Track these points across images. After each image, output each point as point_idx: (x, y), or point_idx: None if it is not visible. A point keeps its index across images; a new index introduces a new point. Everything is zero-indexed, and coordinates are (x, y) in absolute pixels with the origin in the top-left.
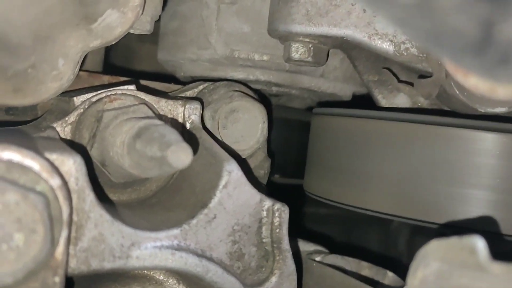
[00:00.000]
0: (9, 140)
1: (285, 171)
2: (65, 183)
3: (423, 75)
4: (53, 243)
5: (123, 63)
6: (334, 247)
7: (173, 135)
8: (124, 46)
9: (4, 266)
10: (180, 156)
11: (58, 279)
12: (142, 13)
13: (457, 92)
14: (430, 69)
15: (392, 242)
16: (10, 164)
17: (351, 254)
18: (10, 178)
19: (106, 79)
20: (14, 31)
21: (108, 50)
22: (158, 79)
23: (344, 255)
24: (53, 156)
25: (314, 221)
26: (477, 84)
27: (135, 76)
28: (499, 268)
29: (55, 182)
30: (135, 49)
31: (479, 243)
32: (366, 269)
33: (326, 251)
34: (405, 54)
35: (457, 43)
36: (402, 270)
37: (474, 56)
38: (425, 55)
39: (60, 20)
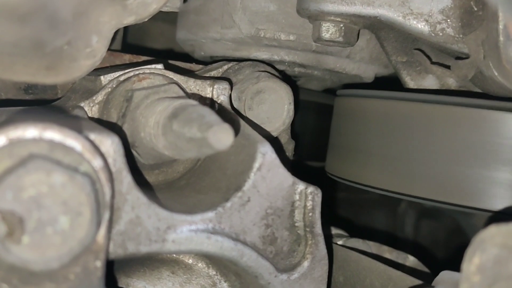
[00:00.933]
0: (47, 119)
1: (301, 153)
2: (106, 164)
3: (459, 57)
4: (98, 227)
5: (136, 41)
6: (347, 231)
7: (212, 116)
8: (136, 24)
9: (49, 250)
10: (222, 137)
11: (99, 264)
12: None
13: (496, 73)
14: (467, 50)
15: (399, 225)
16: (52, 144)
17: (359, 236)
18: (54, 158)
19: (127, 58)
20: (62, 5)
21: (125, 28)
22: (172, 58)
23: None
24: (92, 136)
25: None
26: None
27: (150, 55)
28: None
29: (98, 163)
30: (147, 28)
31: None
32: (387, 252)
33: (347, 234)
34: (440, 34)
35: None
36: (409, 252)
37: None
38: (461, 36)
39: None
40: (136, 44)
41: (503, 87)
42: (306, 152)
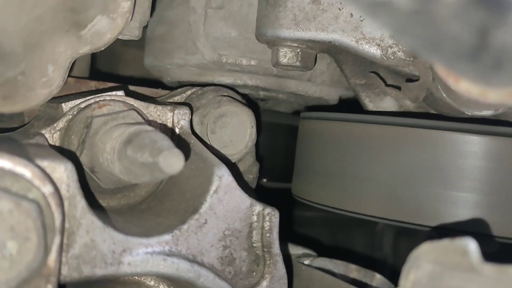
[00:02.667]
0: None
1: (272, 175)
2: (57, 190)
3: (410, 79)
4: (46, 251)
5: (108, 68)
6: (320, 250)
7: (164, 141)
8: (109, 51)
9: None
10: (172, 162)
11: (50, 287)
12: (131, 19)
13: (444, 95)
14: (417, 72)
15: (377, 244)
16: (1, 171)
17: (337, 256)
18: (2, 186)
19: (93, 84)
20: (7, 38)
21: (93, 55)
22: (144, 84)
23: (331, 258)
24: (44, 163)
25: (299, 224)
26: (469, 88)
27: (121, 82)
28: (491, 269)
29: (47, 189)
30: (120, 54)
31: (471, 245)
32: (354, 271)
33: (314, 254)
34: (392, 58)
35: (452, 50)
36: (387, 272)
37: (468, 62)
38: (411, 59)
39: (51, 26)
40: (108, 70)
41: (452, 108)
42: (277, 174)
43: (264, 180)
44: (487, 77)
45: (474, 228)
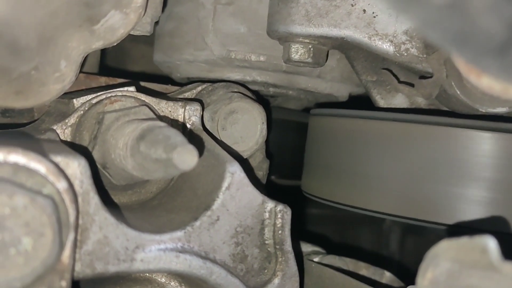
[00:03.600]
0: (13, 143)
1: (281, 172)
2: (71, 186)
3: (423, 76)
4: (61, 247)
5: (116, 64)
6: (328, 247)
7: (178, 137)
8: (118, 47)
9: (12, 270)
10: (186, 158)
11: (64, 283)
12: (144, 15)
13: (458, 92)
14: (431, 69)
15: (384, 242)
16: (16, 167)
17: (344, 253)
18: (17, 181)
19: (103, 80)
20: (23, 33)
21: (103, 51)
22: (153, 80)
23: (339, 255)
24: (58, 159)
25: (307, 221)
26: (491, 84)
27: (130, 78)
28: (510, 268)
29: (62, 185)
30: (129, 50)
31: (491, 243)
32: (364, 269)
33: (323, 251)
34: (405, 54)
35: (481, 44)
36: (394, 269)
37: (496, 56)
38: (425, 56)
39: (64, 21)
40: (117, 66)
41: (466, 105)
42: (286, 171)
43: (273, 177)
44: (510, 73)
45: (486, 226)
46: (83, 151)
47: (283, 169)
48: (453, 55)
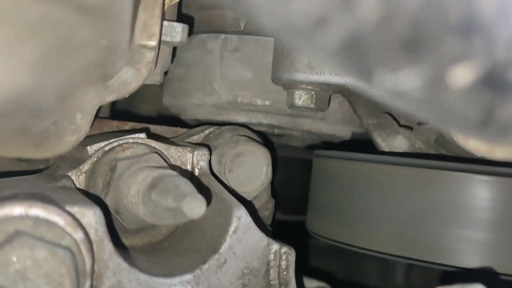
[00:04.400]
0: (32, 194)
1: (287, 208)
2: (87, 235)
3: (421, 122)
4: None
5: (127, 105)
6: (333, 279)
7: (187, 186)
8: None
9: None
10: (195, 207)
11: None
12: (154, 68)
13: (454, 138)
14: None
15: (390, 273)
16: (37, 220)
17: (349, 286)
18: (37, 235)
19: (114, 124)
20: (43, 97)
21: None
22: (162, 121)
23: None
24: (75, 209)
25: (312, 254)
26: (477, 146)
27: (140, 120)
28: None
29: (79, 235)
30: (138, 91)
31: None
32: None
33: (329, 287)
34: None
35: (461, 124)
36: None
37: (476, 131)
38: None
39: (81, 80)
40: (126, 107)
41: (463, 150)
42: (292, 206)
43: (278, 213)
44: (494, 140)
45: (485, 267)
46: (97, 198)
47: (288, 205)
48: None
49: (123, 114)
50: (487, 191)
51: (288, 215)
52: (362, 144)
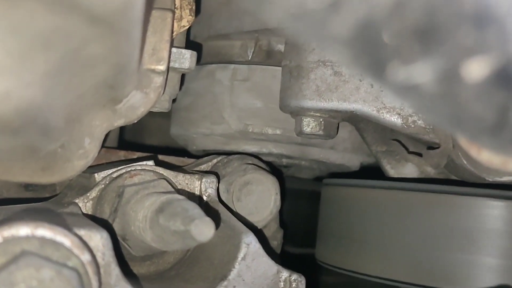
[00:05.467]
0: (39, 218)
1: (295, 240)
2: (94, 258)
3: (431, 146)
4: None
5: (134, 137)
6: None
7: (195, 209)
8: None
9: None
10: (204, 230)
11: None
12: (163, 93)
13: (465, 162)
14: (438, 140)
15: None
16: (43, 240)
17: None
18: (44, 255)
19: (122, 154)
20: (53, 116)
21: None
22: (169, 152)
23: None
24: (82, 232)
25: None
26: (490, 159)
27: (147, 151)
28: None
29: (86, 257)
30: (146, 123)
31: None
32: None
33: None
34: (412, 126)
35: (474, 126)
36: None
37: (490, 136)
38: (431, 127)
39: (90, 102)
40: (134, 139)
41: (473, 175)
42: (300, 239)
43: (286, 246)
44: (508, 149)
45: None
46: (104, 224)
47: (296, 237)
48: (451, 132)
49: (130, 145)
50: (499, 216)
51: (295, 247)
52: (368, 172)
